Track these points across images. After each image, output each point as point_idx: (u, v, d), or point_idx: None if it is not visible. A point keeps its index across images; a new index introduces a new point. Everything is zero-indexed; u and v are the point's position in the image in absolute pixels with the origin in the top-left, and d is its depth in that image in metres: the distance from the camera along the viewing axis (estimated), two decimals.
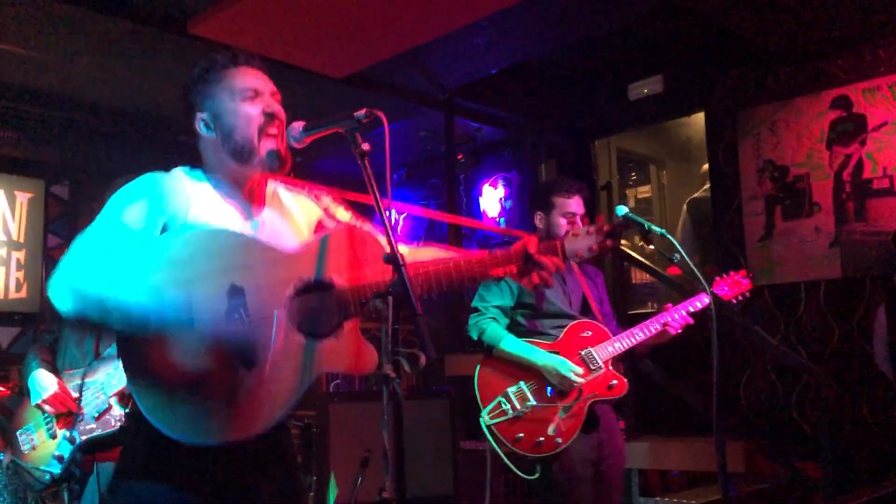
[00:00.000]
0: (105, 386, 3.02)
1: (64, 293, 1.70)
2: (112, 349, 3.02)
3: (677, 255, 2.96)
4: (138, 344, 1.75)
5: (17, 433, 3.17)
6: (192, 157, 2.05)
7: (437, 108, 6.21)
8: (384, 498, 1.56)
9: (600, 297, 3.53)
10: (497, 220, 7.24)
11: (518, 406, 3.10)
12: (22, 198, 6.38)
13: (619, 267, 6.29)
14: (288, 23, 4.59)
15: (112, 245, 1.76)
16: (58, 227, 6.54)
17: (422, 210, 7.81)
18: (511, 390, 3.14)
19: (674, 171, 7.49)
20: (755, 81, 5.57)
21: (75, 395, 3.07)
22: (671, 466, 4.44)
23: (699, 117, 6.15)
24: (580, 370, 3.13)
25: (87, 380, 3.08)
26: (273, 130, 1.94)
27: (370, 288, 1.89)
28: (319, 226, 2.15)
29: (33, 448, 3.12)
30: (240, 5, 4.38)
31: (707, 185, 6.31)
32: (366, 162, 1.79)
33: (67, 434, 3.02)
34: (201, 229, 1.85)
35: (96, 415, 3.01)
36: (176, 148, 6.45)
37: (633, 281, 6.80)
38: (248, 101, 1.94)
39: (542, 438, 3.06)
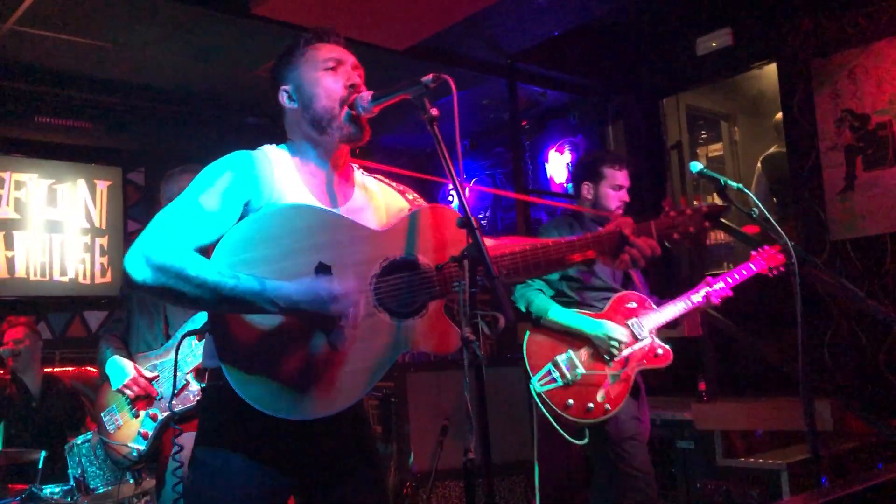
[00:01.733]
0: (180, 364, 3.10)
1: (140, 263, 1.72)
2: (182, 330, 3.10)
3: (756, 210, 2.88)
4: (227, 320, 1.78)
5: (102, 414, 3.29)
6: (260, 138, 2.07)
7: (499, 75, 6.15)
8: (469, 458, 1.56)
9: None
10: (564, 185, 7.16)
11: (567, 374, 3.17)
12: (102, 186, 6.62)
13: None
14: None
15: (190, 226, 1.79)
16: (136, 212, 6.77)
17: (486, 188, 7.78)
18: (560, 358, 3.20)
19: (746, 127, 7.25)
20: (830, 27, 5.33)
21: (150, 375, 3.17)
22: (754, 426, 4.35)
23: (771, 69, 5.94)
24: (628, 334, 3.20)
25: (160, 361, 3.18)
26: (353, 101, 1.94)
27: (457, 270, 1.88)
28: None
29: (118, 428, 3.24)
30: None
31: (782, 141, 6.10)
32: (435, 127, 1.78)
33: (150, 412, 3.13)
34: (288, 206, 1.87)
35: (176, 391, 3.11)
36: (244, 130, 6.59)
37: (708, 242, 6.64)
38: (329, 71, 1.96)
39: (591, 405, 3.13)
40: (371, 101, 1.91)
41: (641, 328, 3.25)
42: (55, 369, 5.59)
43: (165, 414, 3.10)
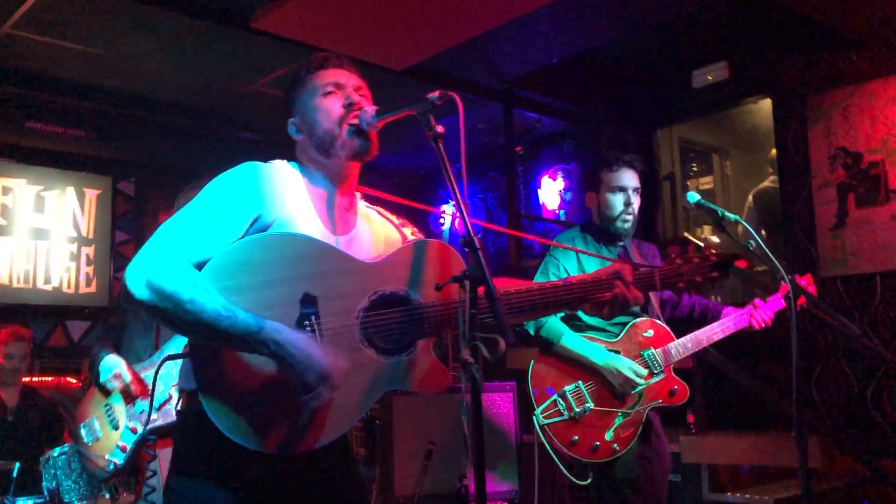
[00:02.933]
0: (166, 377, 3.06)
1: (141, 283, 1.69)
2: (171, 343, 3.06)
3: (752, 243, 2.86)
4: (211, 348, 1.74)
5: (81, 426, 3.24)
6: (254, 154, 2.03)
7: (496, 100, 6.17)
8: (464, 484, 1.52)
9: None
10: (556, 212, 7.16)
11: (575, 407, 2.94)
12: (90, 194, 6.55)
13: None
14: (348, 15, 4.61)
15: (195, 238, 1.75)
16: (124, 222, 6.70)
17: (481, 223, 7.78)
18: (568, 389, 2.97)
19: (738, 160, 7.29)
20: (825, 65, 5.38)
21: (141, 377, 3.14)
22: (742, 461, 4.32)
23: (766, 104, 5.98)
24: (644, 372, 2.97)
25: (145, 374, 3.14)
26: (353, 120, 1.92)
27: (450, 307, 1.85)
28: None
29: (96, 440, 3.19)
30: None
31: (773, 176, 6.13)
32: (440, 145, 1.76)
33: (130, 425, 3.08)
34: (277, 234, 1.83)
35: (157, 406, 3.06)
36: (239, 145, 6.57)
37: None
38: (328, 95, 1.94)
39: (598, 443, 2.91)
40: (375, 115, 1.89)
41: (657, 362, 3.03)
42: (34, 379, 5.48)
43: (144, 428, 3.05)
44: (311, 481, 1.89)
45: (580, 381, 2.98)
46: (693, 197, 3.07)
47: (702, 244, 3.67)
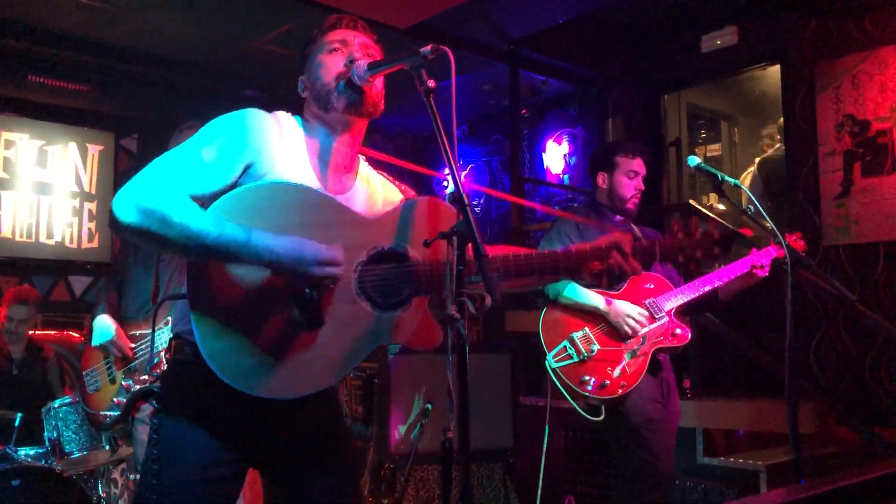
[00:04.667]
0: (157, 340, 3.10)
1: (128, 205, 1.70)
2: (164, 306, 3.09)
3: (752, 207, 2.86)
4: (209, 270, 1.74)
5: (85, 374, 3.30)
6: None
7: (501, 60, 6.09)
8: (448, 438, 1.54)
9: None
10: (561, 176, 7.13)
11: (583, 350, 3.14)
12: (93, 150, 6.55)
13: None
14: None
15: (185, 175, 1.77)
16: (127, 178, 6.65)
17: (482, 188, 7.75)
18: (576, 335, 3.17)
19: (746, 127, 7.23)
20: (836, 31, 5.30)
21: (132, 344, 3.18)
22: (736, 426, 4.35)
23: (774, 71, 5.90)
24: (645, 313, 3.18)
25: (140, 331, 3.18)
26: (347, 74, 1.91)
27: (444, 266, 1.84)
28: None
29: (97, 389, 3.26)
30: None
31: (779, 144, 6.08)
32: (431, 100, 1.74)
33: (124, 382, 3.14)
34: (281, 182, 1.84)
35: (149, 367, 3.10)
36: (242, 103, 6.52)
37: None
38: (332, 52, 1.96)
39: (607, 381, 3.10)
40: (367, 69, 1.88)
41: (659, 308, 3.23)
42: (37, 333, 5.53)
43: (137, 387, 3.10)
44: (295, 430, 1.91)
45: (587, 327, 3.19)
46: (693, 160, 3.14)
47: (706, 211, 3.67)
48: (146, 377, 3.08)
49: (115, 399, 3.17)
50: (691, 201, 3.12)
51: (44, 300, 5.70)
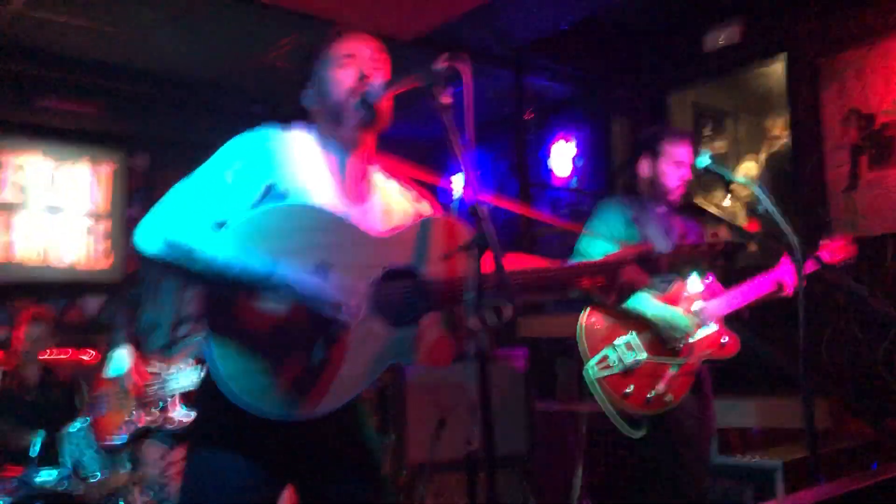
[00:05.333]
0: (170, 383, 3.12)
1: (153, 235, 1.73)
2: (184, 343, 3.11)
3: (762, 207, 2.87)
4: (227, 309, 1.77)
5: (96, 394, 3.33)
6: (264, 126, 2.05)
7: (505, 66, 6.12)
8: (472, 449, 1.56)
9: None
10: (568, 180, 7.14)
11: (628, 358, 2.93)
12: (104, 170, 6.60)
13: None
14: None
15: (207, 200, 1.79)
16: (139, 197, 6.75)
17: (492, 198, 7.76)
18: (621, 341, 2.96)
19: (752, 124, 7.22)
20: (839, 25, 5.31)
21: (148, 380, 3.19)
22: (751, 424, 4.35)
23: (779, 67, 5.91)
24: (696, 320, 2.99)
25: (157, 365, 3.19)
26: (361, 91, 1.94)
27: (458, 283, 1.87)
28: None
29: (108, 412, 3.27)
30: None
31: (786, 140, 6.08)
32: (446, 116, 1.77)
33: (134, 414, 3.14)
34: (296, 204, 1.86)
35: (159, 407, 3.12)
36: (250, 118, 6.56)
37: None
38: (342, 66, 1.97)
39: (651, 394, 2.90)
40: (381, 87, 1.91)
41: (707, 315, 3.04)
42: (50, 356, 5.56)
43: (141, 425, 3.12)
44: (320, 446, 1.93)
45: (633, 332, 2.97)
46: (702, 162, 3.09)
47: (715, 211, 3.68)
48: (151, 417, 3.10)
49: (123, 426, 3.20)
50: (699, 201, 3.08)
51: (59, 321, 5.74)
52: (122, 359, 3.22)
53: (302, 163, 1.92)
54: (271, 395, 1.76)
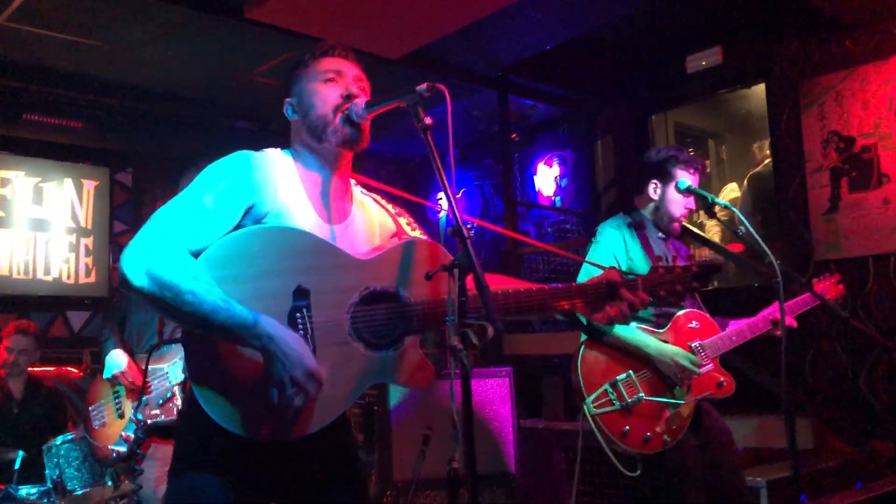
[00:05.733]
0: (171, 374, 3.11)
1: (139, 269, 1.71)
2: (173, 342, 3.11)
3: (742, 228, 2.90)
4: (204, 337, 1.77)
5: (91, 409, 3.31)
6: (250, 143, 2.07)
7: (490, 86, 6.18)
8: (454, 468, 1.57)
9: None
10: (552, 199, 7.19)
11: (627, 397, 2.88)
12: (89, 185, 6.59)
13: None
14: (343, 4, 4.62)
15: (191, 227, 1.78)
16: (123, 213, 6.74)
17: (474, 220, 7.80)
18: (620, 378, 2.91)
19: (733, 145, 7.32)
20: (818, 50, 5.40)
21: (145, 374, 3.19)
22: (736, 443, 4.37)
23: (759, 89, 6.00)
24: (695, 359, 2.94)
25: (153, 366, 3.18)
26: (346, 109, 1.94)
27: (437, 305, 1.89)
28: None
29: (103, 425, 3.25)
30: None
31: (768, 160, 6.16)
32: (428, 136, 1.79)
33: (135, 417, 3.13)
34: (274, 226, 1.86)
35: (161, 402, 3.12)
36: (236, 134, 6.59)
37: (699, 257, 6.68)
38: (328, 82, 1.97)
39: (649, 434, 2.87)
40: (365, 107, 1.91)
41: (705, 352, 3.01)
42: (36, 369, 5.53)
43: (150, 421, 3.11)
44: (310, 466, 1.93)
45: (631, 371, 2.93)
46: (684, 184, 3.10)
47: (698, 231, 3.71)
48: (157, 411, 3.09)
49: (123, 433, 3.18)
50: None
51: (43, 335, 5.71)
52: (117, 358, 3.23)
53: (281, 184, 1.91)
54: (248, 416, 1.76)
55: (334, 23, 4.79)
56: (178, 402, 3.09)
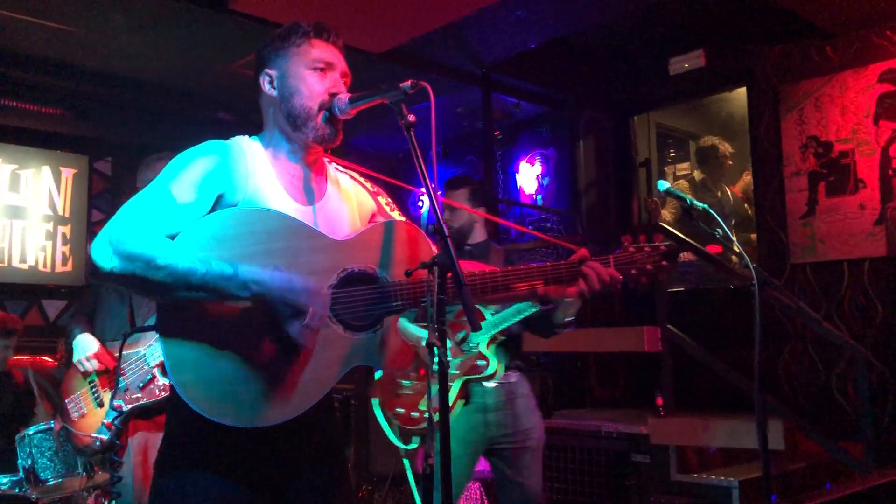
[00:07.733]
0: (148, 357, 3.09)
1: (108, 252, 1.69)
2: (150, 321, 3.08)
3: (720, 231, 2.93)
4: (180, 317, 1.75)
5: (66, 401, 3.27)
6: (230, 134, 2.02)
7: (474, 84, 6.18)
8: (430, 464, 1.58)
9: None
10: (534, 197, 7.21)
11: (404, 382, 3.29)
12: (67, 173, 6.52)
13: None
14: None
15: (159, 217, 1.76)
16: (101, 202, 6.68)
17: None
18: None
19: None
20: (799, 56, 5.46)
21: (123, 364, 3.15)
22: (709, 443, 4.42)
23: (741, 93, 6.06)
24: (449, 344, 3.07)
25: (127, 351, 3.15)
26: (329, 105, 1.92)
27: (416, 286, 1.88)
28: (372, 220, 2.14)
29: (82, 416, 3.22)
30: None
31: (748, 164, 6.22)
32: (411, 133, 1.79)
33: (114, 402, 3.11)
34: (248, 208, 1.85)
35: (141, 385, 3.09)
36: (215, 125, 6.55)
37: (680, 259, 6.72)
38: (317, 71, 1.94)
39: (415, 413, 3.24)
40: (348, 103, 1.90)
41: (466, 341, 3.18)
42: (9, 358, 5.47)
43: (129, 406, 3.08)
44: (287, 451, 1.91)
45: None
46: (663, 185, 3.15)
47: (677, 232, 3.74)
48: (139, 394, 3.07)
49: (105, 421, 3.15)
50: (662, 223, 3.12)
51: (22, 329, 5.67)
52: (84, 340, 3.20)
53: (252, 170, 1.89)
54: (224, 400, 1.74)
55: (317, 15, 4.74)
56: (160, 382, 3.07)
